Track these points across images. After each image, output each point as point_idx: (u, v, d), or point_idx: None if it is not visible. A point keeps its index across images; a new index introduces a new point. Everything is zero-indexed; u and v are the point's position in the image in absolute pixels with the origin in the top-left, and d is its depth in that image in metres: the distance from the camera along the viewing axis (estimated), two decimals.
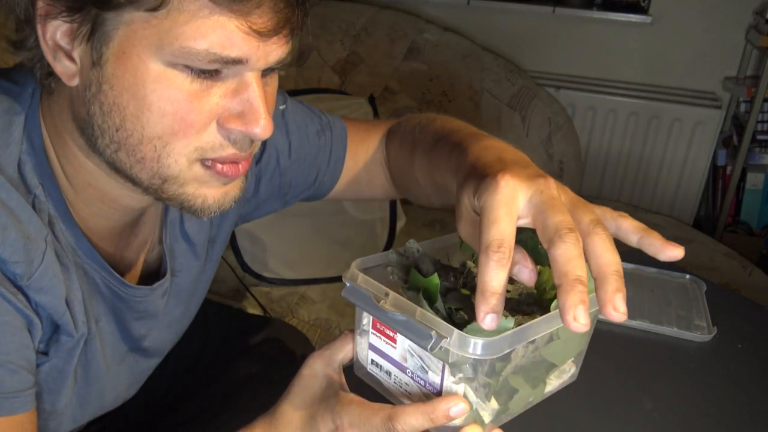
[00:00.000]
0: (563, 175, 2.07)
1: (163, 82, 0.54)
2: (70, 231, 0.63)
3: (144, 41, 0.53)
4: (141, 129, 0.56)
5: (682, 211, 2.33)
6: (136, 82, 0.54)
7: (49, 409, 0.66)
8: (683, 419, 0.76)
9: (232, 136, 0.58)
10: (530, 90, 2.05)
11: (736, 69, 2.24)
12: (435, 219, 1.98)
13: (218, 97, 0.56)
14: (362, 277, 0.59)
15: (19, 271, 0.56)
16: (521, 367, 0.58)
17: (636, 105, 2.24)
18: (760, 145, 2.18)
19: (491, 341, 0.51)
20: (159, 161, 0.57)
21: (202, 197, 0.60)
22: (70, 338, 0.63)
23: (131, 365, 0.77)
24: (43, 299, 0.59)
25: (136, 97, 0.55)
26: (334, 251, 1.67)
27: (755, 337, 0.92)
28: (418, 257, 0.68)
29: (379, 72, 2.03)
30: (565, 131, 2.07)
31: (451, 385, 0.55)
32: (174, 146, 0.56)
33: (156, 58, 0.53)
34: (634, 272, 1.04)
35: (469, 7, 2.30)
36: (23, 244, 0.56)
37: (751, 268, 1.70)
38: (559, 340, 0.58)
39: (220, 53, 0.53)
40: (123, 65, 0.54)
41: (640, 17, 2.23)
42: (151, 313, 0.75)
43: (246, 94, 0.56)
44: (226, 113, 0.57)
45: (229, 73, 0.56)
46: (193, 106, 0.55)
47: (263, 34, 0.54)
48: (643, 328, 0.91)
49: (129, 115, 0.56)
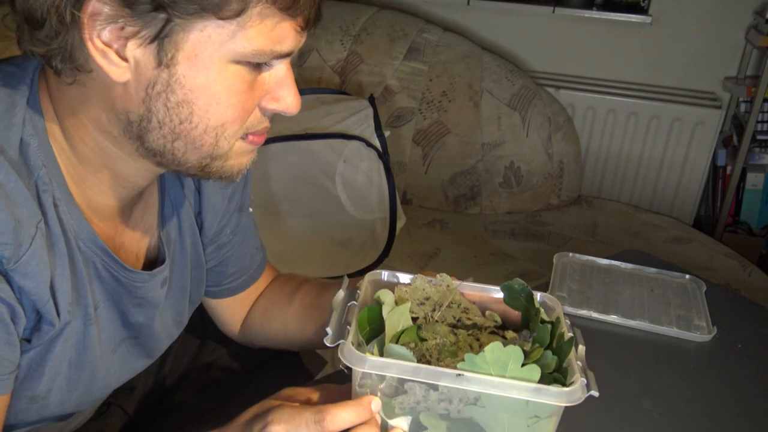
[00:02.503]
0: (563, 175, 2.08)
1: (230, 78, 0.60)
2: (71, 213, 0.65)
3: (215, 44, 0.59)
4: (207, 120, 0.61)
5: (682, 211, 2.33)
6: (208, 80, 0.60)
7: (30, 394, 0.67)
8: (683, 419, 0.76)
9: (267, 114, 0.65)
10: (530, 90, 2.05)
11: (736, 69, 2.24)
12: (435, 219, 1.98)
13: (265, 84, 0.63)
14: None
15: (6, 253, 0.57)
16: (437, 415, 0.61)
17: (636, 105, 2.24)
18: (760, 145, 2.18)
19: (366, 358, 0.59)
20: (216, 145, 0.63)
21: (238, 165, 0.67)
22: (50, 327, 0.64)
23: (124, 355, 0.77)
24: (27, 284, 0.60)
25: (207, 93, 0.60)
26: (334, 251, 1.67)
27: (755, 337, 0.92)
28: (442, 293, 0.71)
29: (379, 72, 2.03)
30: (565, 131, 2.07)
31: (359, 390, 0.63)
32: (230, 130, 0.63)
33: (225, 57, 0.59)
34: (634, 272, 1.04)
35: (469, 7, 2.30)
36: (13, 226, 0.57)
37: (751, 268, 1.70)
38: (483, 408, 0.60)
39: (279, 50, 0.60)
40: (195, 66, 0.59)
41: (640, 17, 2.23)
42: (150, 302, 0.76)
43: (282, 79, 0.64)
44: (267, 96, 0.64)
45: (273, 63, 0.63)
46: (249, 95, 0.62)
47: (305, 29, 0.62)
48: (643, 328, 0.91)
49: (197, 109, 0.61)
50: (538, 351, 0.64)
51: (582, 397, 0.58)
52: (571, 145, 2.08)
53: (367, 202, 1.73)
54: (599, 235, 1.91)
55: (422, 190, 2.07)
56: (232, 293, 0.94)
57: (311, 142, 1.70)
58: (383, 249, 1.69)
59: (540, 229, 1.93)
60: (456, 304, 0.73)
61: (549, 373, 0.63)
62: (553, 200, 2.09)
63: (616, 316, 0.92)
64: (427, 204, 2.07)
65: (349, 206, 1.71)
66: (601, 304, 0.95)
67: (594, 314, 0.92)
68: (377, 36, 2.06)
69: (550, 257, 1.05)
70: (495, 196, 2.06)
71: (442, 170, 2.04)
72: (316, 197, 1.70)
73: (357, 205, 1.72)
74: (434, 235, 1.87)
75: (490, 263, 1.71)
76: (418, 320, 0.71)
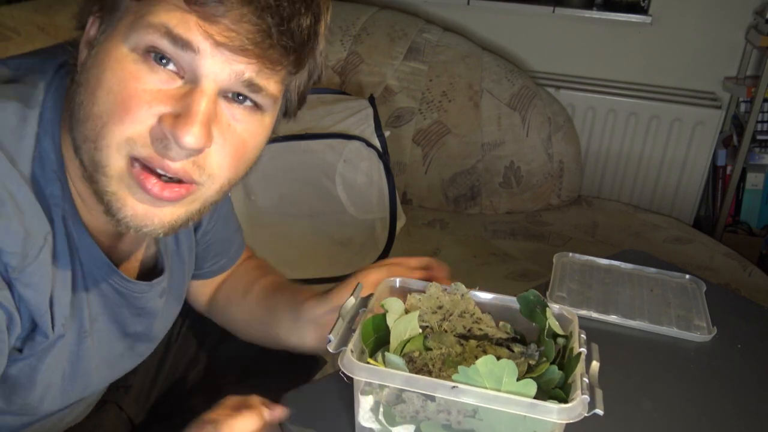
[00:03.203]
0: (563, 175, 2.08)
1: (121, 63, 0.56)
2: (76, 229, 0.64)
3: (123, 24, 0.57)
4: (90, 105, 0.57)
5: (682, 211, 2.33)
6: (103, 60, 0.57)
7: (21, 402, 0.66)
8: (683, 419, 0.76)
9: (165, 141, 0.56)
10: (530, 90, 2.05)
11: (736, 69, 2.24)
12: (435, 219, 1.98)
13: (162, 84, 0.56)
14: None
15: (12, 262, 0.57)
16: (439, 425, 0.61)
17: (636, 105, 2.24)
18: (760, 145, 2.18)
19: (363, 367, 0.60)
20: (96, 142, 0.57)
21: (122, 202, 0.59)
22: (44, 339, 0.63)
23: (119, 361, 0.78)
24: (28, 294, 0.59)
25: (96, 74, 0.57)
26: (334, 251, 1.67)
27: (755, 337, 0.92)
28: (456, 302, 0.72)
29: (379, 72, 2.03)
30: (565, 131, 2.07)
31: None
32: (109, 129, 0.56)
33: (125, 41, 0.56)
34: (633, 272, 1.04)
35: (469, 7, 2.30)
36: (22, 237, 0.57)
37: (751, 268, 1.70)
38: (482, 421, 0.60)
39: (172, 28, 0.54)
40: (104, 47, 0.57)
41: (640, 17, 2.23)
42: (149, 311, 0.76)
43: (190, 98, 0.56)
44: (167, 111, 0.56)
45: (186, 74, 0.57)
46: (134, 89, 0.56)
47: (220, 44, 0.55)
48: (643, 328, 0.91)
49: (88, 91, 0.58)
50: (543, 365, 0.64)
51: (582, 414, 0.57)
52: (571, 145, 2.08)
53: (367, 202, 1.73)
54: (599, 235, 1.91)
55: (422, 190, 2.07)
56: (212, 275, 0.94)
57: (311, 142, 1.70)
58: (383, 249, 1.69)
59: (540, 229, 1.93)
60: (469, 314, 0.72)
61: (553, 388, 0.63)
62: (553, 200, 2.09)
63: (615, 316, 0.92)
64: (427, 204, 2.07)
65: (349, 206, 1.71)
66: (601, 304, 0.95)
67: (594, 314, 0.92)
68: (377, 36, 2.06)
69: (550, 257, 1.05)
70: (495, 196, 2.06)
71: (442, 170, 2.04)
72: (316, 197, 1.70)
73: (357, 205, 1.72)
74: (434, 235, 1.87)
75: (490, 263, 1.71)
76: (428, 329, 0.71)
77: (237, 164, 0.61)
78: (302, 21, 0.57)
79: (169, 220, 0.60)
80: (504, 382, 0.58)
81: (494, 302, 0.75)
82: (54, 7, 1.48)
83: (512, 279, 1.62)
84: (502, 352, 0.69)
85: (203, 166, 0.58)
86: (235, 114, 0.59)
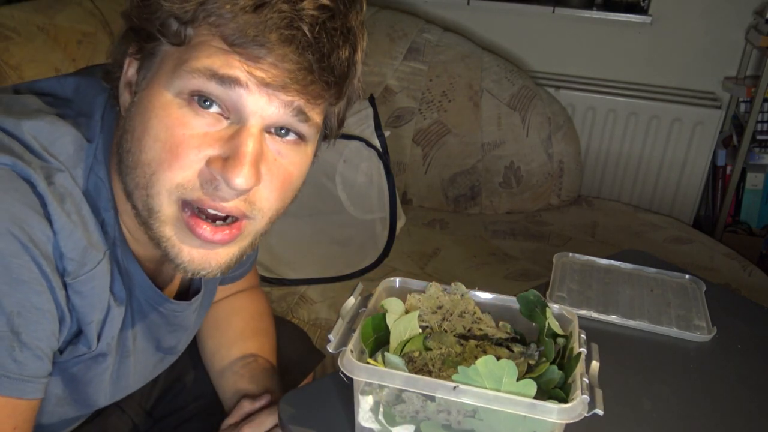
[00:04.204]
0: (563, 175, 2.08)
1: (166, 110, 0.57)
2: (125, 256, 0.67)
3: (165, 71, 0.57)
4: (139, 153, 0.58)
5: (682, 211, 2.33)
6: (147, 107, 0.58)
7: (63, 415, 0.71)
8: (683, 419, 0.76)
9: (215, 183, 0.57)
10: (530, 90, 2.05)
11: (736, 69, 2.24)
12: (435, 219, 1.98)
13: (208, 127, 0.57)
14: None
15: (70, 268, 0.60)
16: (439, 425, 0.61)
17: (636, 105, 2.24)
18: (760, 145, 2.18)
19: (363, 367, 0.60)
20: (147, 189, 0.59)
21: (178, 248, 0.61)
22: (86, 349, 0.66)
23: (150, 374, 0.82)
24: (78, 302, 0.62)
25: (143, 122, 0.58)
26: (334, 251, 1.67)
27: (755, 337, 0.92)
28: (455, 302, 0.72)
29: (379, 72, 2.03)
30: (565, 131, 2.07)
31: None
32: (159, 176, 0.58)
33: (169, 87, 0.57)
34: (633, 272, 1.04)
35: (469, 7, 2.30)
36: (84, 246, 0.60)
37: (751, 268, 1.70)
38: (482, 421, 0.60)
39: (217, 70, 0.55)
40: (147, 93, 0.58)
41: (639, 17, 2.22)
42: (183, 326, 0.79)
43: (238, 140, 0.57)
44: (215, 154, 0.57)
45: (231, 115, 0.57)
46: (182, 135, 0.57)
47: (266, 84, 0.56)
48: (643, 328, 0.91)
49: (135, 138, 0.59)
50: (543, 365, 0.64)
51: (582, 414, 0.57)
52: (571, 145, 2.08)
53: (367, 202, 1.73)
54: (599, 235, 1.91)
55: (422, 190, 2.07)
56: (228, 282, 0.95)
57: None
58: (383, 249, 1.69)
59: (540, 229, 1.93)
60: (469, 314, 0.72)
61: (553, 388, 0.63)
62: (553, 200, 2.09)
63: (615, 316, 0.92)
64: (427, 204, 2.07)
65: (349, 206, 1.71)
66: (601, 304, 0.94)
67: (594, 314, 0.92)
68: (377, 36, 2.06)
69: (550, 257, 1.05)
70: (495, 196, 2.06)
71: (442, 170, 2.04)
72: (316, 197, 1.70)
73: (357, 205, 1.72)
74: (434, 235, 1.87)
75: (490, 263, 1.71)
76: (428, 329, 0.71)
77: (284, 195, 0.63)
78: (341, 54, 0.58)
79: (225, 260, 0.63)
80: (504, 382, 0.58)
81: (494, 302, 0.75)
82: (54, 7, 1.48)
83: (512, 279, 1.62)
84: (502, 352, 0.69)
85: (254, 202, 0.60)
86: (281, 150, 0.60)
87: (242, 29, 0.54)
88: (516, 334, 0.73)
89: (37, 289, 0.57)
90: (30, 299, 0.57)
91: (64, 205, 0.59)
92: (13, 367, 0.56)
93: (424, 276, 1.59)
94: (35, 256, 0.56)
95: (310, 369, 1.03)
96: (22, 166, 0.57)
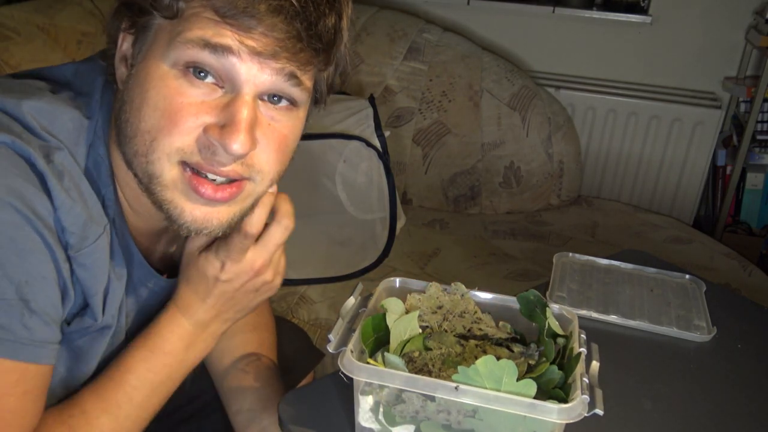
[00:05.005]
0: (563, 175, 2.08)
1: (163, 80, 0.60)
2: (122, 230, 0.69)
3: (159, 43, 0.60)
4: (138, 122, 0.61)
5: (682, 211, 2.33)
6: (145, 79, 0.60)
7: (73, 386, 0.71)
8: (683, 419, 0.76)
9: (212, 148, 0.60)
10: (530, 90, 2.05)
11: (736, 69, 2.24)
12: (435, 219, 1.98)
13: (204, 96, 0.60)
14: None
15: (72, 241, 0.62)
16: (439, 425, 0.61)
17: (636, 105, 2.24)
18: (759, 145, 2.18)
19: (363, 367, 0.60)
20: (147, 156, 0.61)
21: (180, 208, 0.63)
22: (92, 321, 0.67)
23: None
24: (82, 275, 0.64)
25: (141, 93, 0.60)
26: (334, 251, 1.67)
27: (755, 337, 0.92)
28: (455, 302, 0.72)
29: (379, 72, 2.03)
30: (565, 131, 2.07)
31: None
32: (159, 142, 0.60)
33: (164, 59, 0.59)
34: (633, 272, 1.04)
35: (469, 7, 2.30)
36: (84, 220, 0.62)
37: (751, 268, 1.70)
38: (482, 421, 0.60)
39: (210, 39, 0.58)
40: (144, 66, 0.61)
41: (639, 17, 2.23)
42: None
43: (233, 108, 0.60)
44: (212, 122, 0.60)
45: (226, 84, 0.60)
46: (180, 103, 0.59)
47: (257, 53, 0.58)
48: (643, 328, 0.91)
49: (133, 108, 0.61)
50: (543, 365, 0.64)
51: (582, 414, 0.57)
52: (571, 145, 2.08)
53: (366, 202, 1.73)
54: (599, 235, 1.91)
55: (422, 190, 2.07)
56: None
57: (311, 142, 1.70)
58: (383, 249, 1.69)
59: (540, 229, 1.93)
60: (469, 314, 0.72)
61: (553, 388, 0.63)
62: (553, 200, 2.09)
63: (615, 316, 0.92)
64: (427, 204, 2.07)
65: (349, 206, 1.71)
66: (601, 304, 0.95)
67: (594, 314, 0.92)
68: (377, 36, 2.06)
69: (550, 257, 1.05)
70: (495, 196, 2.06)
71: (442, 170, 2.04)
72: (316, 197, 1.70)
73: (357, 205, 1.72)
74: (434, 235, 1.87)
75: (490, 263, 1.71)
76: (428, 329, 0.71)
77: (281, 157, 0.66)
78: (328, 21, 0.61)
79: (226, 218, 0.65)
80: (504, 382, 0.58)
81: (494, 302, 0.75)
82: (54, 7, 1.48)
83: (512, 279, 1.62)
84: (502, 352, 0.69)
85: (252, 165, 0.63)
86: (274, 116, 0.63)
87: (232, 1, 0.57)
88: (516, 334, 0.73)
89: (42, 258, 0.59)
90: (36, 268, 0.59)
91: (63, 182, 0.61)
92: (24, 334, 0.59)
93: (424, 276, 1.59)
94: (38, 228, 0.58)
95: (309, 369, 1.03)
96: (21, 145, 0.59)
